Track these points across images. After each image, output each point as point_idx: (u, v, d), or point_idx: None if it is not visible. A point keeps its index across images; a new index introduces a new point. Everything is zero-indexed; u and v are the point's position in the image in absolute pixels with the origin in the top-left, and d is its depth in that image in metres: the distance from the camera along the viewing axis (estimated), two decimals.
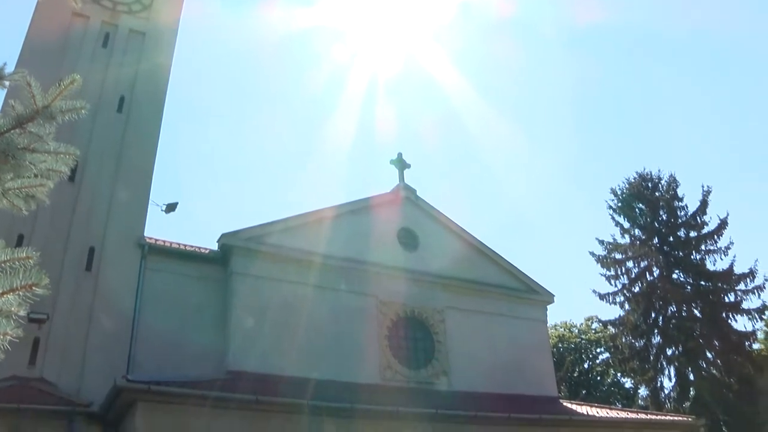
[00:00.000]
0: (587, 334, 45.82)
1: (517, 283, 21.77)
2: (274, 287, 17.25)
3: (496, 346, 20.18)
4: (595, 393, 41.06)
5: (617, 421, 18.61)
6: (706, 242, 32.00)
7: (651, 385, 31.81)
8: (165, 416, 12.47)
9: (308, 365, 16.79)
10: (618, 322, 32.98)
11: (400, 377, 18.19)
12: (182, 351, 15.95)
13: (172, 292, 16.53)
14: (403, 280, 19.34)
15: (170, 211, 18.90)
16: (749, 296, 30.41)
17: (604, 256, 33.69)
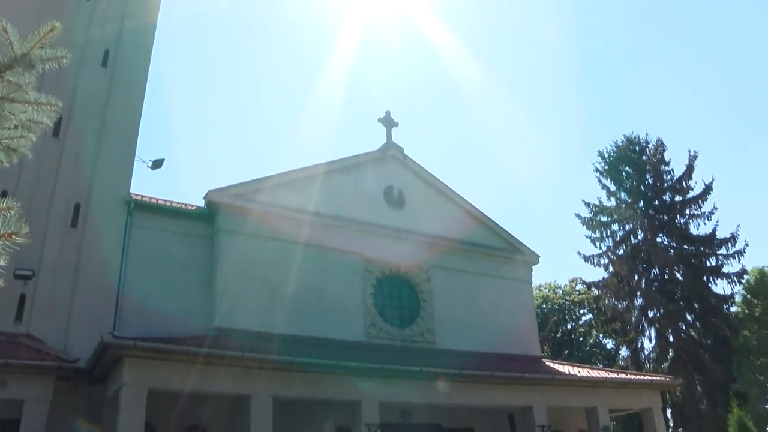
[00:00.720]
0: (571, 296, 46.34)
1: (502, 244, 21.90)
2: (260, 244, 17.26)
3: (480, 306, 20.38)
4: (577, 353, 41.70)
5: (598, 380, 18.93)
6: (690, 207, 32.30)
7: (632, 346, 32.37)
8: (151, 372, 12.53)
9: (294, 322, 16.92)
10: (602, 284, 33.37)
11: (385, 335, 18.37)
12: (169, 308, 16.00)
13: (159, 249, 16.50)
14: (389, 239, 19.41)
15: (157, 168, 18.76)
16: (730, 260, 30.93)
17: (589, 219, 33.95)
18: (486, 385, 16.54)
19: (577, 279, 44.50)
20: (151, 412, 12.88)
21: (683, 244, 31.88)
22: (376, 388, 14.98)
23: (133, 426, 12.03)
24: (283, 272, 17.31)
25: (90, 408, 14.58)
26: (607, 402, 18.89)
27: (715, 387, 28.43)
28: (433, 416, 18.16)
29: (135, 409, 12.15)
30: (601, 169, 34.63)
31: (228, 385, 13.35)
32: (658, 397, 20.41)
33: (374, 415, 14.82)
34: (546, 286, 47.13)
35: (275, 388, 13.76)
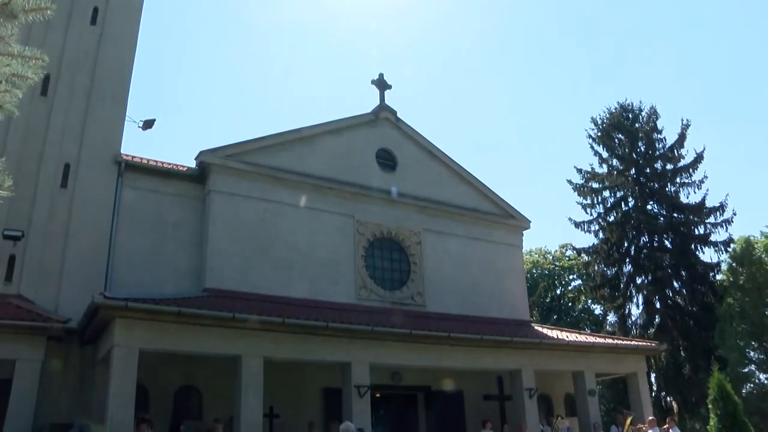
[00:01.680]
0: (561, 261, 46.60)
1: (494, 208, 21.94)
2: (252, 206, 17.24)
3: (471, 270, 20.49)
4: (565, 318, 42.10)
5: (585, 345, 19.16)
6: (681, 175, 32.30)
7: (619, 311, 32.64)
8: (143, 333, 12.57)
9: (285, 284, 16.98)
10: (591, 250, 33.51)
11: (376, 297, 18.48)
12: (160, 268, 16.03)
13: (150, 209, 16.46)
14: (381, 201, 19.41)
15: (147, 128, 18.56)
16: (717, 229, 31.09)
17: (581, 185, 33.94)
18: (475, 348, 16.71)
19: (568, 245, 44.74)
20: (143, 373, 12.98)
21: (673, 212, 31.96)
22: (366, 350, 15.11)
23: (124, 386, 12.12)
24: (275, 234, 17.33)
25: (82, 368, 14.69)
26: (594, 366, 19.17)
27: (699, 352, 28.84)
28: (422, 378, 18.40)
29: (127, 370, 12.22)
30: (594, 135, 34.51)
31: (219, 346, 13.43)
32: (643, 362, 20.73)
33: (364, 376, 14.98)
34: (536, 252, 47.38)
35: (266, 349, 13.86)
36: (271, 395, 15.02)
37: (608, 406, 30.75)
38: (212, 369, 15.20)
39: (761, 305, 24.87)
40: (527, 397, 17.43)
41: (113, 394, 12.00)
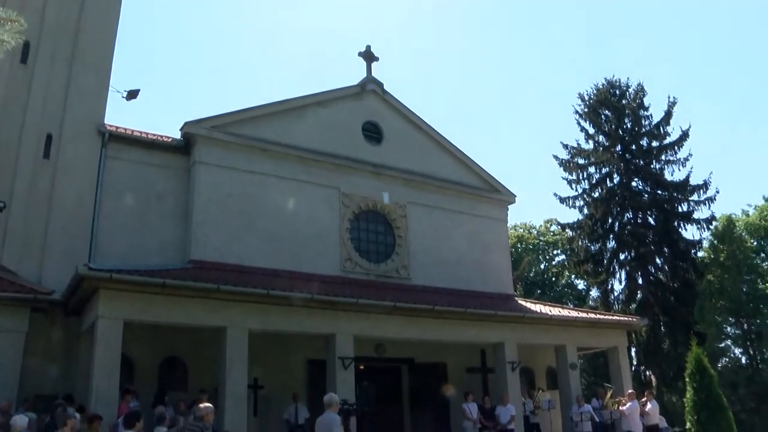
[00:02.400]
0: (545, 236, 46.86)
1: (479, 182, 21.97)
2: (237, 177, 17.17)
3: (455, 243, 20.57)
4: (549, 293, 42.44)
5: (568, 319, 19.35)
6: (666, 152, 32.47)
7: (602, 287, 32.99)
8: (127, 304, 12.54)
9: (270, 255, 16.99)
10: (576, 226, 33.74)
11: (360, 270, 18.54)
12: (144, 240, 15.98)
13: (134, 180, 16.34)
14: (367, 174, 19.39)
15: (131, 99, 18.33)
16: (700, 207, 31.39)
17: (567, 161, 34.06)
18: (459, 321, 16.83)
19: (552, 220, 45.02)
20: (128, 344, 13.00)
21: (657, 189, 32.18)
22: (350, 322, 15.20)
23: (109, 358, 12.12)
24: (260, 205, 17.30)
25: (66, 340, 14.66)
26: (575, 340, 19.39)
27: (678, 327, 29.28)
28: (406, 351, 18.55)
29: (111, 341, 12.22)
30: (581, 111, 34.55)
31: (204, 317, 13.45)
32: (624, 337, 20.99)
33: (348, 348, 15.08)
34: (521, 226, 47.58)
35: (251, 321, 13.89)
36: (256, 367, 15.11)
37: (589, 379, 31.22)
38: (197, 340, 15.24)
39: (739, 282, 25.26)
40: (509, 370, 17.63)
41: (98, 365, 12.02)
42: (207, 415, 8.15)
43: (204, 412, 8.16)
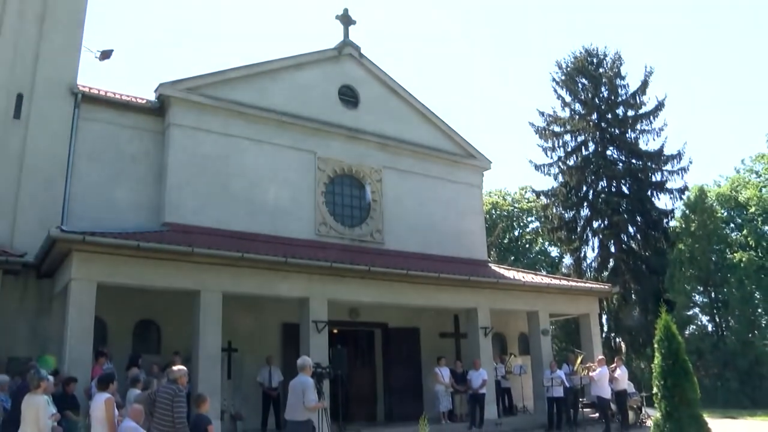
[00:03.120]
0: (520, 203, 47.12)
1: (455, 148, 21.95)
2: (212, 140, 16.98)
3: (430, 209, 20.61)
4: (522, 259, 42.85)
5: (541, 285, 19.59)
6: (641, 122, 32.72)
7: (575, 254, 33.41)
8: (101, 267, 12.44)
9: (244, 219, 16.91)
10: (550, 193, 34.02)
11: (335, 234, 18.54)
12: (119, 203, 15.80)
13: (108, 143, 16.07)
14: (342, 138, 19.29)
15: (105, 59, 17.96)
16: (674, 176, 31.84)
17: (543, 128, 34.19)
18: (432, 286, 16.96)
19: (527, 187, 45.21)
20: (101, 307, 12.92)
21: (632, 158, 32.49)
22: (325, 285, 15.27)
23: (82, 320, 12.06)
24: (235, 168, 17.15)
25: (39, 302, 14.53)
26: (548, 307, 19.67)
27: (648, 295, 29.85)
28: (380, 315, 18.67)
29: (84, 304, 12.15)
30: (558, 79, 34.60)
31: (178, 280, 13.40)
32: (596, 304, 21.33)
33: (322, 312, 15.16)
34: (496, 193, 47.76)
35: (225, 284, 13.88)
36: (230, 330, 15.14)
37: (560, 345, 31.76)
38: (171, 303, 15.20)
39: (709, 252, 25.70)
40: (482, 335, 17.86)
41: (71, 327, 11.96)
42: (180, 377, 8.18)
43: (177, 374, 8.19)
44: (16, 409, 8.65)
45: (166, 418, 7.77)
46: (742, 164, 36.29)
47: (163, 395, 7.94)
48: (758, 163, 34.78)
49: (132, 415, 8.83)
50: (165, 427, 7.77)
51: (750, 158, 35.64)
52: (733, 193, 33.16)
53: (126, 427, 8.66)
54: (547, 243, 43.18)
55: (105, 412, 8.32)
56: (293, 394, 8.79)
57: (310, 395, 8.65)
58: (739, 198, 32.81)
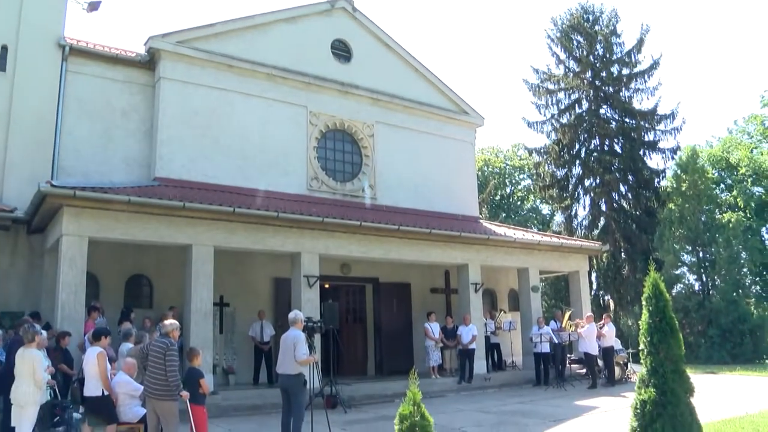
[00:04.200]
0: (512, 160, 47.16)
1: (448, 104, 21.81)
2: (203, 94, 16.80)
3: (422, 164, 20.58)
4: (513, 217, 43.09)
5: (532, 242, 19.69)
6: (636, 80, 32.50)
7: (566, 212, 33.52)
8: (92, 222, 12.39)
9: (236, 174, 16.85)
10: (543, 151, 33.97)
11: (327, 189, 18.51)
12: (109, 157, 15.71)
13: (97, 96, 15.87)
14: (335, 92, 19.12)
15: (93, 11, 17.57)
16: (667, 136, 31.80)
17: (537, 85, 33.97)
18: (424, 241, 17.03)
19: (520, 144, 45.21)
20: (93, 262, 12.97)
21: (625, 117, 32.36)
22: (316, 241, 15.32)
23: (74, 276, 12.08)
24: (226, 123, 17.02)
25: (30, 257, 14.57)
26: (538, 264, 19.82)
27: (638, 254, 30.12)
28: (371, 270, 18.80)
29: (76, 259, 12.16)
30: (553, 36, 34.23)
31: (169, 235, 13.38)
32: (585, 262, 21.50)
33: (313, 267, 15.24)
34: (488, 150, 47.76)
35: (216, 239, 13.89)
36: (222, 284, 15.26)
37: (550, 302, 32.12)
38: (163, 258, 15.27)
39: (698, 212, 25.84)
40: (473, 291, 18.03)
41: (63, 282, 11.97)
42: (172, 331, 8.23)
43: (169, 328, 8.24)
44: (10, 363, 8.74)
45: (159, 371, 7.85)
46: (734, 125, 36.36)
47: (156, 349, 8.01)
48: (751, 124, 34.81)
49: (125, 369, 8.96)
50: (157, 380, 7.85)
51: (743, 119, 35.66)
52: (725, 154, 33.26)
53: (119, 381, 8.79)
54: (539, 200, 43.37)
55: (98, 366, 8.42)
56: (284, 348, 8.88)
57: (301, 349, 8.74)
58: (730, 159, 32.93)
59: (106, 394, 8.46)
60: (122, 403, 8.67)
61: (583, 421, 11.28)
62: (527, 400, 14.45)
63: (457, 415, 12.31)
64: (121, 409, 8.65)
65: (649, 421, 6.90)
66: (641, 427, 6.99)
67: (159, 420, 7.99)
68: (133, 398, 8.76)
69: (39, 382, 8.15)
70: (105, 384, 8.45)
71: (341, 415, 12.46)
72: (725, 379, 17.97)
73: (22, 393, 8.06)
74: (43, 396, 8.46)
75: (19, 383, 8.10)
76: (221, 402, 13.11)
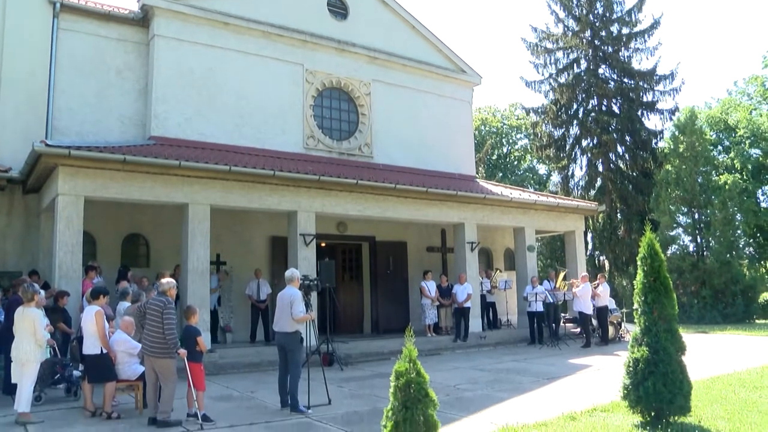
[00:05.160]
0: (509, 120, 46.95)
1: (446, 62, 21.58)
2: (198, 52, 16.57)
3: (419, 123, 20.46)
4: (510, 176, 43.05)
5: (528, 202, 19.67)
6: (636, 40, 32.17)
7: (563, 172, 33.51)
8: (88, 182, 12.34)
9: (232, 132, 16.75)
10: (540, 110, 33.79)
11: (324, 147, 18.42)
12: (103, 116, 15.56)
13: (90, 54, 15.62)
14: (331, 50, 18.90)
15: None
16: (665, 97, 31.64)
17: (535, 44, 33.63)
18: (420, 200, 17.04)
19: (517, 104, 44.96)
20: (90, 222, 12.98)
21: (624, 77, 32.12)
22: (313, 199, 15.32)
23: (71, 235, 12.08)
24: (222, 81, 16.84)
25: (27, 217, 14.55)
26: (534, 223, 19.86)
27: (633, 215, 30.23)
28: (367, 229, 18.83)
29: (72, 219, 12.14)
30: None
31: (165, 194, 13.36)
32: (581, 222, 21.56)
33: (310, 225, 15.26)
34: (486, 109, 47.51)
35: (213, 197, 13.87)
36: (219, 243, 15.32)
37: (545, 262, 32.31)
38: (159, 217, 15.28)
39: (695, 173, 25.86)
40: (469, 250, 18.10)
41: (60, 242, 11.99)
42: (169, 289, 8.27)
43: (166, 286, 8.28)
44: (10, 322, 8.82)
45: (156, 329, 7.91)
46: (734, 86, 36.16)
47: (153, 307, 8.06)
48: (751, 85, 34.59)
49: (123, 327, 9.03)
50: (155, 338, 7.92)
51: (743, 80, 35.42)
52: (724, 116, 33.13)
53: (117, 339, 8.87)
54: (536, 160, 43.31)
55: (96, 325, 8.49)
56: (281, 305, 8.93)
57: (298, 307, 8.79)
58: (728, 120, 32.81)
59: (105, 352, 8.55)
60: (121, 361, 8.76)
61: (577, 378, 11.44)
62: (522, 359, 14.63)
63: (452, 372, 12.48)
64: (120, 367, 8.74)
65: (641, 378, 7.02)
66: (633, 385, 7.12)
67: (157, 377, 8.09)
68: (132, 356, 8.84)
69: (39, 341, 8.23)
70: (103, 342, 8.53)
71: (338, 372, 12.62)
72: (716, 339, 18.21)
73: (23, 351, 8.15)
74: (43, 354, 8.55)
75: (20, 341, 8.18)
76: (218, 360, 13.26)
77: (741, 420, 7.30)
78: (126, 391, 9.03)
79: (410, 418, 5.00)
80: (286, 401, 8.72)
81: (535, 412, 8.09)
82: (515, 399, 9.37)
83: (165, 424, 7.74)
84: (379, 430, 5.30)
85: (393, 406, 5.13)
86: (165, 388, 7.95)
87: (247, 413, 8.63)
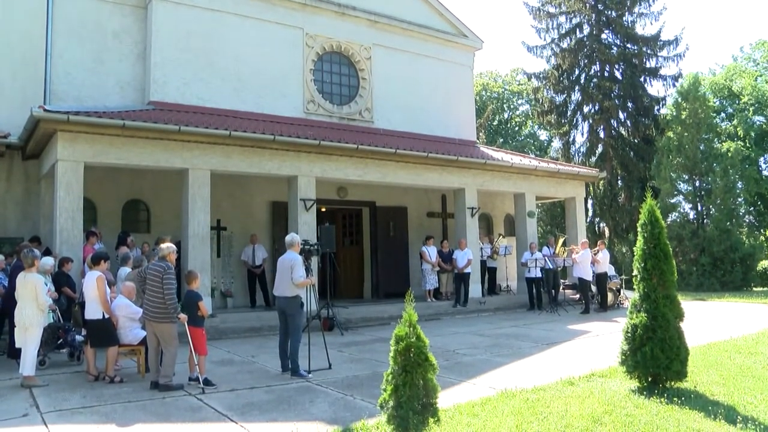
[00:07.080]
0: (511, 85, 46.62)
1: (447, 26, 21.31)
2: (197, 15, 16.36)
3: (420, 88, 20.28)
4: (511, 142, 42.92)
5: (529, 168, 19.60)
6: (639, 4, 31.73)
7: (564, 138, 33.38)
8: (87, 147, 12.29)
9: (232, 97, 16.63)
10: (542, 76, 33.51)
11: (324, 112, 18.30)
12: (102, 81, 15.43)
13: (87, 17, 15.41)
14: (331, 14, 18.65)
15: None
16: (669, 63, 31.33)
17: (537, 8, 33.25)
18: (421, 165, 16.99)
19: (519, 69, 44.59)
20: (90, 188, 12.97)
21: (627, 42, 31.77)
22: (313, 164, 15.29)
23: (71, 201, 12.07)
24: (221, 45, 16.66)
25: (26, 183, 14.52)
26: (535, 189, 19.82)
27: (634, 182, 30.20)
28: (368, 194, 18.82)
29: (72, 185, 12.12)
30: None
31: (165, 159, 13.31)
32: (582, 188, 21.51)
33: (310, 190, 15.23)
34: (487, 74, 47.15)
35: (213, 162, 13.83)
36: (219, 209, 15.33)
37: (545, 228, 32.36)
38: (159, 183, 15.27)
39: (697, 140, 25.73)
40: (469, 215, 18.11)
41: (60, 208, 11.98)
42: (169, 254, 8.28)
43: (166, 251, 8.29)
44: (13, 287, 8.87)
45: (157, 294, 7.95)
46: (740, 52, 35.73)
47: (153, 272, 8.09)
48: (758, 50, 34.22)
49: (124, 292, 9.07)
50: (156, 303, 7.96)
51: (750, 45, 35.02)
52: (728, 83, 32.84)
53: (119, 304, 8.92)
54: (537, 126, 43.14)
55: (97, 290, 8.53)
56: (281, 270, 8.95)
57: (298, 271, 8.81)
58: (732, 87, 32.53)
59: (107, 317, 8.60)
60: (122, 325, 8.82)
61: (575, 344, 11.53)
62: (521, 324, 14.72)
63: (452, 337, 12.57)
64: (122, 332, 8.81)
65: (639, 344, 7.08)
66: (631, 351, 7.18)
67: (159, 342, 8.15)
68: (133, 321, 8.90)
69: (41, 305, 8.29)
70: (105, 307, 8.59)
71: (338, 337, 12.71)
72: (714, 306, 18.31)
73: (26, 315, 8.21)
74: (45, 318, 8.63)
75: (22, 306, 8.24)
76: (219, 325, 13.35)
77: (735, 385, 7.40)
78: (128, 355, 9.10)
79: (410, 382, 5.06)
80: (287, 366, 8.80)
81: (534, 376, 8.17)
82: (514, 364, 9.45)
83: (167, 388, 7.82)
84: (379, 394, 5.36)
85: (393, 370, 5.18)
86: (166, 353, 8.02)
87: (248, 377, 8.71)
